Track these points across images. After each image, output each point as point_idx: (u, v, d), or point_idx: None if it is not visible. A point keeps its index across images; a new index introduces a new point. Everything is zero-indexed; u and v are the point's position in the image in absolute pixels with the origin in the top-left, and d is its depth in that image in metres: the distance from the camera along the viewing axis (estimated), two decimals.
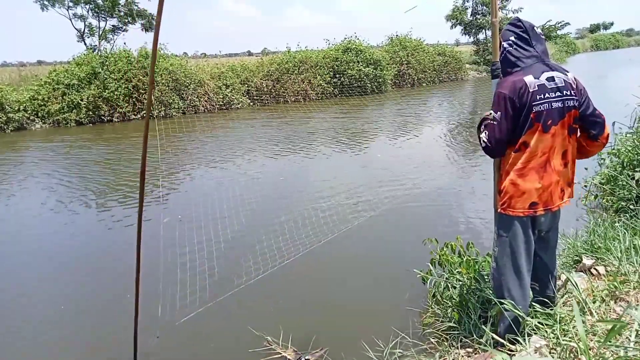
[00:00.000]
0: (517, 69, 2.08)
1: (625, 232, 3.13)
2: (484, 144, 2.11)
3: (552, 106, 2.00)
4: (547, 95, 2.00)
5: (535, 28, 2.15)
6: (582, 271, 2.90)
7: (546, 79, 2.02)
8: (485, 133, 2.10)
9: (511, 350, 2.08)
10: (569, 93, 2.04)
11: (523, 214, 2.07)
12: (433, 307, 3.07)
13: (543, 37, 2.19)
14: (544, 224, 2.16)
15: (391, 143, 9.65)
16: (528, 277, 2.18)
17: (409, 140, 9.80)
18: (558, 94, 2.01)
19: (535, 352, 1.89)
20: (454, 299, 2.83)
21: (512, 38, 2.12)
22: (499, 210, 2.16)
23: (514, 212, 2.08)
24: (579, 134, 2.17)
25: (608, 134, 2.18)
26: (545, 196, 2.06)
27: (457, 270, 3.00)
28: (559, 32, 40.24)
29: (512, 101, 2.00)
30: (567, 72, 2.11)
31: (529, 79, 2.01)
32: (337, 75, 19.43)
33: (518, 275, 2.15)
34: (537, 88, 2.00)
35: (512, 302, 2.10)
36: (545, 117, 1.99)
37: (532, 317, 2.19)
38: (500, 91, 2.04)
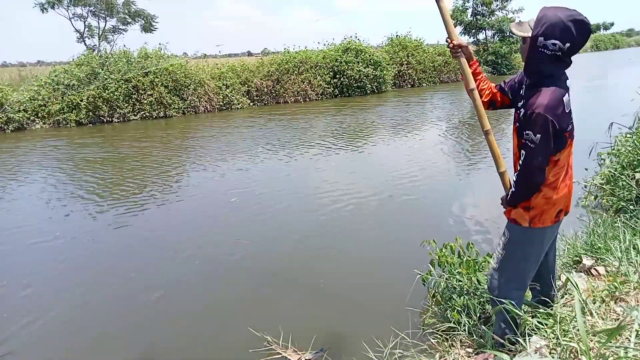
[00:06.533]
0: (549, 80, 1.93)
1: (625, 232, 3.13)
2: (529, 173, 1.94)
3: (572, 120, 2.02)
4: (571, 108, 1.97)
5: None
6: (582, 271, 2.90)
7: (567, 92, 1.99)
8: (523, 158, 1.94)
9: (511, 350, 2.08)
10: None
11: (552, 223, 2.08)
12: (433, 307, 3.08)
13: None
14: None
15: (391, 143, 9.65)
16: (528, 283, 2.22)
17: (409, 140, 9.80)
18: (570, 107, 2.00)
19: (535, 352, 1.89)
20: (454, 299, 2.83)
21: (567, 45, 1.86)
22: (524, 225, 2.09)
23: (543, 224, 2.07)
24: None
25: None
26: (567, 201, 2.10)
27: (457, 270, 3.01)
28: None
29: (553, 124, 1.88)
30: None
31: (566, 98, 1.92)
32: (337, 76, 19.44)
33: (521, 282, 2.17)
34: (570, 107, 1.95)
35: (513, 303, 2.10)
36: (571, 132, 2.00)
37: (532, 317, 2.20)
38: (544, 114, 1.86)
